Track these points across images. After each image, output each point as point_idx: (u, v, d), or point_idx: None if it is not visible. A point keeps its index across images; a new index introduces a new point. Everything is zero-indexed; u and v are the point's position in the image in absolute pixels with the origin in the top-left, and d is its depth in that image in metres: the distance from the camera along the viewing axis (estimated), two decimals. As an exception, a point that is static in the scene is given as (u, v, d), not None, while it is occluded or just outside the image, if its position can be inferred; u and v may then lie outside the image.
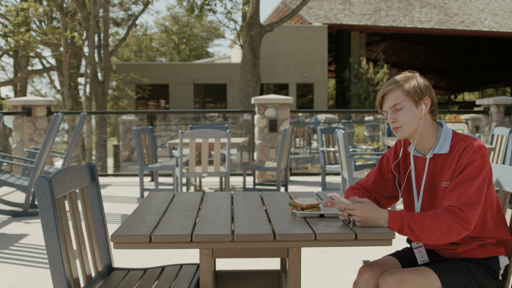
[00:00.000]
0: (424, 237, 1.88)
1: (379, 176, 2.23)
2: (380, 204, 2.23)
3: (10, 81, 20.79)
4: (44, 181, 1.78)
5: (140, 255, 4.06)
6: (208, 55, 43.40)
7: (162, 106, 28.67)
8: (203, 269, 1.96)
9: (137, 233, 1.80)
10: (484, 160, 1.95)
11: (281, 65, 26.71)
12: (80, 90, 24.86)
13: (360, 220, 1.86)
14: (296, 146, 17.10)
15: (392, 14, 27.90)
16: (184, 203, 2.32)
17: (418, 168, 2.13)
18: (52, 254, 1.78)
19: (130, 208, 5.89)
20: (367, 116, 17.80)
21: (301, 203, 2.04)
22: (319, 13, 27.23)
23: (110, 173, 14.61)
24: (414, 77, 2.06)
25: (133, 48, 33.08)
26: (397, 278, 1.92)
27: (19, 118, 7.90)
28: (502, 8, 28.97)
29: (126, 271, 2.35)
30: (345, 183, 5.71)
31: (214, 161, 5.84)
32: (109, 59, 21.17)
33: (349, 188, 2.25)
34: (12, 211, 5.57)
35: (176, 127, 18.08)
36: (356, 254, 4.09)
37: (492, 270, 2.02)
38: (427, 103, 2.04)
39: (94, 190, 2.29)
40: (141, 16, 25.59)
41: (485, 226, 2.02)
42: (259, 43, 13.85)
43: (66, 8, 19.67)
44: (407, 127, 2.04)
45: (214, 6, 16.33)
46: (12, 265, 3.87)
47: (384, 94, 2.06)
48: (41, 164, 5.45)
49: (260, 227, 1.87)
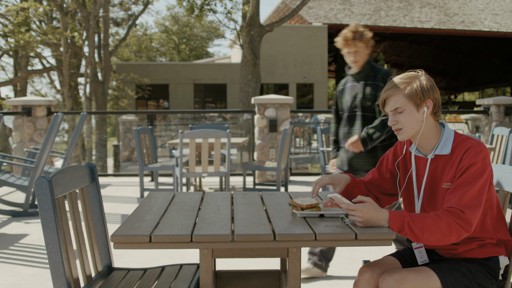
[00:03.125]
0: (424, 238, 1.88)
1: (378, 174, 2.25)
2: (379, 200, 2.25)
3: (10, 81, 20.79)
4: (44, 181, 1.78)
5: (140, 255, 4.06)
6: (208, 55, 43.40)
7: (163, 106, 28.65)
8: (203, 269, 1.96)
9: (137, 233, 1.79)
10: (485, 162, 1.95)
11: (281, 65, 26.70)
12: (80, 90, 24.86)
13: (361, 221, 1.86)
14: (296, 146, 17.09)
15: (392, 14, 27.90)
16: (184, 203, 2.32)
17: (419, 168, 2.13)
18: (52, 254, 1.78)
19: (130, 208, 5.89)
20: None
21: (301, 203, 2.04)
22: (319, 13, 27.23)
23: (110, 173, 14.62)
24: (418, 78, 2.04)
25: (133, 48, 33.08)
26: (397, 278, 1.92)
27: (19, 118, 7.90)
28: (502, 8, 28.96)
29: (126, 271, 2.35)
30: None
31: (214, 161, 5.84)
32: (109, 59, 21.17)
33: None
34: (12, 211, 5.57)
35: (176, 127, 18.08)
36: (356, 254, 4.09)
37: (492, 270, 2.02)
38: (429, 105, 2.03)
39: (94, 190, 2.29)
40: (141, 16, 25.61)
41: (484, 227, 2.02)
42: (259, 43, 13.85)
43: (66, 8, 19.68)
44: (408, 130, 2.04)
45: (214, 6, 16.33)
46: (12, 265, 3.87)
47: (385, 97, 2.06)
48: (41, 164, 5.45)
49: (260, 227, 1.87)
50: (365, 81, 3.51)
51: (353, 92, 3.53)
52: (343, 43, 3.44)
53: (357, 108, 3.51)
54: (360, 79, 3.53)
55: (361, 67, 3.51)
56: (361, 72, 3.52)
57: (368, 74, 3.51)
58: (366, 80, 3.51)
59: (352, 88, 3.57)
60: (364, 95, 3.48)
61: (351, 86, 3.59)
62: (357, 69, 3.52)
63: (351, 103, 3.54)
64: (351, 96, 3.55)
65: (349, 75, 3.63)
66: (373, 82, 3.48)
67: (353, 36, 3.39)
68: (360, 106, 3.50)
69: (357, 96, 3.51)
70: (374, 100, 3.47)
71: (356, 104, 3.51)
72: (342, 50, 3.51)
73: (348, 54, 3.48)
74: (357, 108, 3.51)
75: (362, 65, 3.50)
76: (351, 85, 3.59)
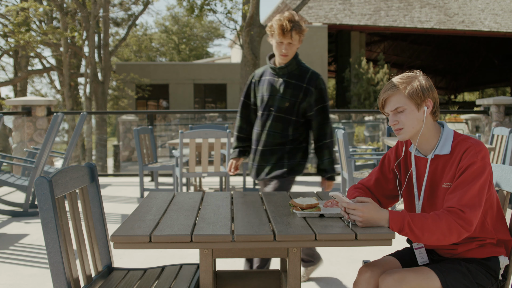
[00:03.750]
0: (424, 237, 1.88)
1: (381, 175, 2.24)
2: (381, 204, 2.24)
3: (10, 81, 20.80)
4: (44, 181, 1.78)
5: (140, 255, 4.06)
6: (208, 55, 43.39)
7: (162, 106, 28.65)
8: (203, 269, 1.96)
9: (137, 233, 1.79)
10: (485, 162, 1.95)
11: (281, 65, 26.64)
12: (80, 90, 24.87)
13: (361, 221, 1.86)
14: (296, 146, 17.04)
15: (392, 14, 27.90)
16: (184, 203, 2.32)
17: (419, 169, 2.13)
18: (52, 254, 1.78)
19: (130, 208, 5.89)
20: (367, 116, 17.80)
21: (301, 203, 2.04)
22: (319, 13, 27.23)
23: (110, 173, 14.62)
24: (416, 78, 2.05)
25: (133, 48, 33.07)
26: (397, 278, 1.92)
27: (19, 118, 7.90)
28: (502, 8, 28.96)
29: (126, 271, 2.35)
30: (345, 183, 5.71)
31: (214, 161, 5.84)
32: (109, 59, 21.17)
33: (352, 187, 2.25)
34: (12, 211, 5.57)
35: (176, 127, 18.07)
36: (356, 254, 4.09)
37: (492, 270, 2.02)
38: (429, 105, 2.04)
39: (94, 190, 2.29)
40: (141, 16, 25.61)
41: (484, 227, 2.02)
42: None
43: (66, 8, 19.68)
44: (408, 130, 2.04)
45: (214, 6, 16.34)
46: (12, 265, 3.87)
47: (386, 97, 2.06)
48: (41, 164, 5.45)
49: (260, 227, 1.87)
50: (288, 78, 3.13)
51: (272, 88, 3.15)
52: (279, 32, 3.01)
53: (273, 107, 3.14)
54: (282, 75, 3.14)
55: (287, 62, 3.12)
56: (285, 67, 3.13)
57: (293, 72, 3.14)
58: (290, 77, 3.13)
59: (271, 82, 3.17)
60: (284, 94, 3.11)
61: (270, 80, 3.18)
62: (283, 63, 3.12)
63: (268, 100, 3.16)
64: (268, 92, 3.16)
65: (269, 66, 3.20)
66: (298, 82, 3.13)
67: (291, 27, 3.01)
68: (277, 106, 3.13)
69: (276, 94, 3.13)
70: (295, 103, 3.12)
71: (273, 103, 3.14)
72: (272, 38, 3.10)
73: (279, 45, 3.06)
74: (273, 107, 3.14)
75: (289, 60, 3.12)
76: (270, 79, 3.18)
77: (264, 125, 3.18)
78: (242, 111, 3.35)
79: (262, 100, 3.19)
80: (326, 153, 3.24)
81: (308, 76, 3.14)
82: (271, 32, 3.08)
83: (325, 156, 3.24)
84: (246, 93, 3.32)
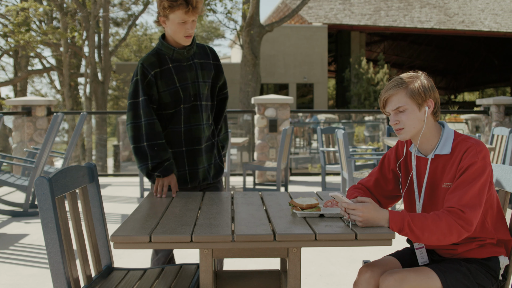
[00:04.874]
0: (424, 237, 1.88)
1: (380, 175, 2.23)
2: (381, 204, 2.23)
3: (10, 81, 20.80)
4: (44, 181, 1.78)
5: (140, 255, 4.06)
6: (208, 55, 43.34)
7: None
8: (203, 269, 1.96)
9: (137, 233, 1.79)
10: (485, 162, 1.95)
11: (281, 65, 26.70)
12: (80, 90, 24.87)
13: (361, 220, 1.86)
14: (296, 146, 17.09)
15: (392, 14, 27.90)
16: (184, 203, 2.32)
17: (419, 169, 2.12)
18: (52, 254, 1.78)
19: (130, 208, 5.89)
20: (367, 116, 17.80)
21: (301, 203, 2.04)
22: (319, 13, 27.23)
23: (110, 173, 14.61)
24: (418, 78, 2.04)
25: (133, 48, 33.07)
26: (397, 278, 1.92)
27: (19, 118, 7.90)
28: (502, 8, 28.96)
29: (126, 271, 2.35)
30: (345, 183, 5.71)
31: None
32: (109, 59, 21.16)
33: (351, 187, 2.25)
34: (12, 211, 5.57)
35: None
36: (356, 254, 4.08)
37: (492, 270, 2.02)
38: (430, 105, 2.03)
39: (94, 190, 2.29)
40: (141, 16, 25.60)
41: (484, 227, 2.02)
42: (259, 43, 13.85)
43: (66, 8, 19.67)
44: (409, 129, 2.04)
45: (214, 6, 16.33)
46: (12, 265, 3.87)
47: (387, 97, 2.06)
48: (41, 164, 5.45)
49: (260, 227, 1.87)
50: (197, 59, 2.69)
51: (186, 76, 2.64)
52: (185, 11, 2.48)
53: (198, 97, 2.68)
54: (188, 59, 2.66)
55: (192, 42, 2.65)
56: (191, 48, 2.65)
57: (196, 51, 2.71)
58: (197, 58, 2.69)
59: (181, 70, 2.63)
60: (203, 79, 2.69)
61: (177, 67, 2.63)
62: (186, 45, 2.62)
63: (188, 91, 2.64)
64: (183, 81, 2.63)
65: (173, 50, 2.62)
66: (207, 60, 2.73)
67: (197, 2, 2.52)
68: (201, 94, 2.68)
69: (195, 81, 2.66)
70: (212, 85, 2.77)
71: (196, 92, 2.67)
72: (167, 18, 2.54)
73: (182, 25, 2.53)
74: (198, 97, 2.68)
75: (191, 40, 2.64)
76: (177, 66, 2.63)
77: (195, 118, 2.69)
78: (152, 113, 2.58)
79: (176, 92, 2.62)
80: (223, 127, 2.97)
81: (208, 51, 2.76)
82: (165, 10, 2.51)
83: (222, 130, 2.95)
84: (144, 91, 2.57)
